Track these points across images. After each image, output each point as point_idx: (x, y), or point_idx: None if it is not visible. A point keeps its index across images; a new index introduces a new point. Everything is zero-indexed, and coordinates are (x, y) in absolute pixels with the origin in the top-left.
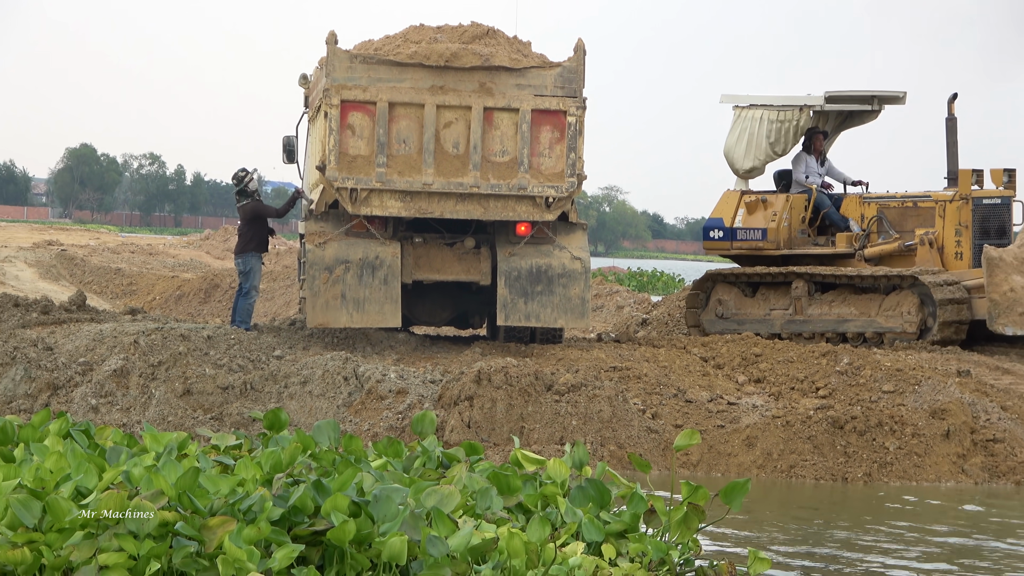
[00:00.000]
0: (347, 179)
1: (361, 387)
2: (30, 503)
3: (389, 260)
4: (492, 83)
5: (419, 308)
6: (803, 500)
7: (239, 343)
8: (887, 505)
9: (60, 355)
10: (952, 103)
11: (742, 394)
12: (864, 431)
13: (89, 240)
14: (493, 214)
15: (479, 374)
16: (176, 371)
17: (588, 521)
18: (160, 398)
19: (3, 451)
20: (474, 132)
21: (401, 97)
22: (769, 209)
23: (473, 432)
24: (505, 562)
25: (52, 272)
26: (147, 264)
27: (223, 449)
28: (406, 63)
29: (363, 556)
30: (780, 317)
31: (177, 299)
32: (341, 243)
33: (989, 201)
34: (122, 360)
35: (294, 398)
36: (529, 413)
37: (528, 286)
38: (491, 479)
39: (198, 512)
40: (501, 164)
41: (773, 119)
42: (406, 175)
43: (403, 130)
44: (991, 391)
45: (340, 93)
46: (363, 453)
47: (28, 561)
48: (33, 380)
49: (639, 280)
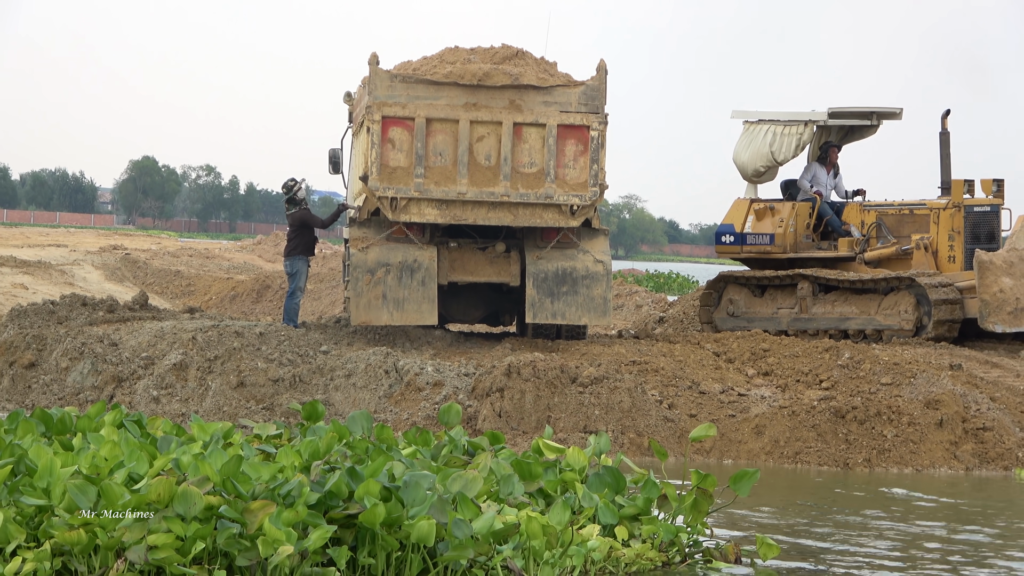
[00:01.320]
0: (388, 189)
1: (401, 380)
2: (86, 488)
3: (426, 263)
4: (521, 100)
5: (454, 307)
6: (808, 484)
7: (289, 339)
8: (884, 489)
9: (124, 350)
10: (945, 118)
11: (751, 386)
12: (864, 420)
13: (151, 245)
14: (522, 220)
15: (509, 368)
16: (231, 365)
17: (604, 505)
18: (216, 390)
19: (62, 440)
20: (504, 145)
21: (437, 113)
22: (776, 216)
23: (504, 421)
24: (525, 543)
25: (117, 274)
26: (204, 267)
27: (264, 438)
28: (442, 82)
29: (393, 538)
30: (787, 315)
31: (232, 299)
32: (382, 247)
33: (979, 209)
34: (181, 355)
35: (339, 390)
36: (555, 404)
37: (554, 287)
38: (514, 466)
39: (241, 496)
40: (529, 175)
41: (779, 132)
42: (442, 185)
43: (439, 144)
44: (981, 383)
45: (381, 110)
46: (394, 442)
47: (84, 542)
48: (99, 373)
49: (656, 281)
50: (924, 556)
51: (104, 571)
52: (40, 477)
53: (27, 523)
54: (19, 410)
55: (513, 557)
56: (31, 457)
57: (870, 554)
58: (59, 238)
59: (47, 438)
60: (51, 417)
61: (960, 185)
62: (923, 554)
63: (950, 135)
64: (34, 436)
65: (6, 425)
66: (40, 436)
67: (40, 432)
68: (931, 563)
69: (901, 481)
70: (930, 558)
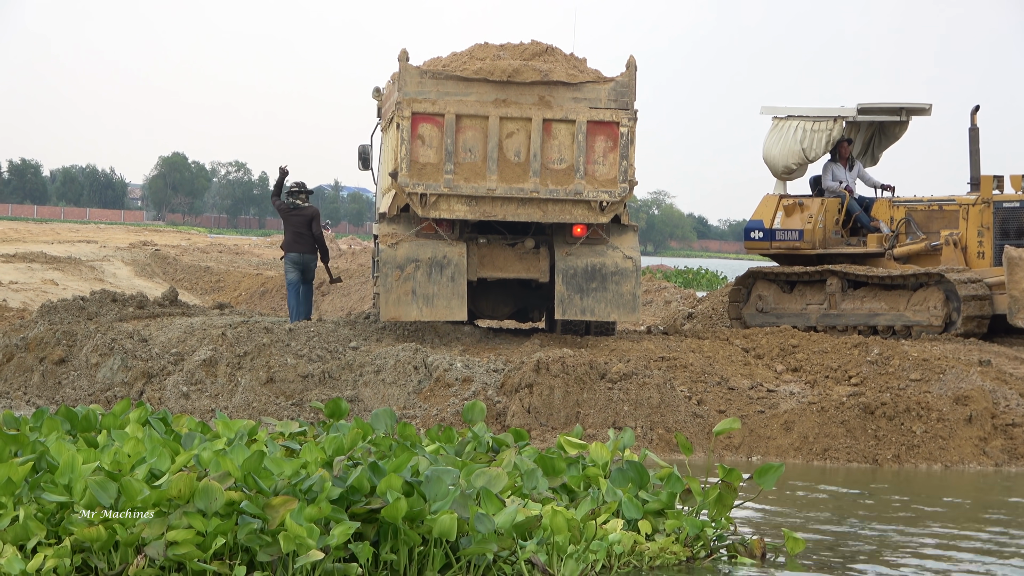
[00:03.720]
0: (417, 185)
1: (430, 375)
2: (107, 484)
3: (456, 259)
4: (551, 96)
5: (483, 303)
6: (836, 480)
7: (318, 335)
8: (914, 484)
9: (154, 346)
10: (975, 114)
11: (780, 382)
12: (893, 416)
13: (180, 241)
14: (551, 216)
15: (538, 363)
16: (260, 361)
17: (627, 500)
18: (245, 386)
19: (87, 437)
20: (534, 142)
21: (467, 110)
22: (805, 212)
23: (533, 417)
24: (548, 538)
25: (147, 270)
26: (233, 263)
27: (288, 435)
28: (472, 78)
29: (415, 532)
30: (816, 311)
31: (261, 295)
32: (412, 244)
33: (1009, 204)
34: (211, 351)
35: (368, 385)
36: (584, 399)
37: (584, 283)
38: (538, 462)
39: (262, 492)
40: (559, 171)
41: (808, 128)
42: (472, 181)
43: (469, 140)
44: (1010, 379)
45: (411, 106)
46: (417, 439)
47: (103, 538)
48: (129, 369)
49: (685, 277)
50: (955, 554)
51: (124, 567)
52: (61, 474)
53: (48, 520)
54: (44, 408)
55: (537, 552)
56: (52, 454)
57: (898, 550)
58: (89, 234)
59: (72, 436)
60: (76, 415)
61: (989, 181)
62: (953, 553)
63: (979, 131)
64: (59, 434)
65: (31, 423)
66: (65, 434)
67: (65, 430)
68: (962, 561)
69: (930, 477)
70: (962, 557)
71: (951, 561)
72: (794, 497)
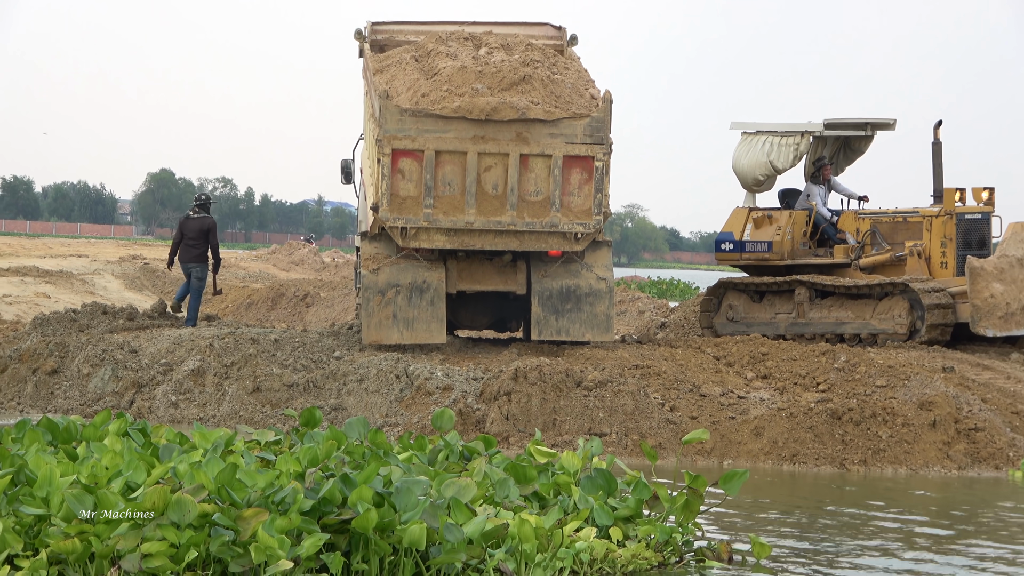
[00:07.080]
0: (398, 219)
1: (411, 384)
2: (83, 497)
3: (435, 284)
4: (528, 133)
5: (462, 314)
6: (804, 484)
7: (303, 345)
8: (880, 488)
9: (144, 357)
10: (937, 128)
11: (750, 389)
12: (860, 421)
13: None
14: (528, 246)
15: (516, 372)
16: (247, 370)
17: (599, 507)
18: (233, 395)
19: (67, 449)
20: (511, 176)
21: (446, 146)
22: (774, 224)
23: (511, 424)
24: (517, 546)
25: (136, 283)
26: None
27: (264, 444)
28: (451, 116)
29: (385, 542)
30: (784, 320)
31: (247, 307)
32: (393, 268)
33: (971, 216)
34: (199, 361)
35: (352, 394)
36: (561, 407)
37: (559, 304)
38: (508, 470)
39: (235, 504)
40: (535, 203)
41: (776, 142)
42: (450, 214)
43: (448, 174)
44: (973, 385)
45: (392, 143)
46: (388, 446)
47: (79, 550)
48: (120, 379)
49: (658, 288)
50: (919, 555)
51: None
52: (40, 486)
53: (26, 532)
54: (25, 419)
55: (506, 560)
56: (31, 467)
57: (864, 553)
58: (80, 248)
59: (53, 447)
60: (57, 426)
61: (952, 193)
62: (918, 553)
63: (942, 145)
64: (40, 445)
65: (13, 434)
66: (46, 445)
67: (46, 441)
68: (925, 562)
69: (896, 481)
70: (925, 557)
71: (917, 561)
72: (761, 503)
